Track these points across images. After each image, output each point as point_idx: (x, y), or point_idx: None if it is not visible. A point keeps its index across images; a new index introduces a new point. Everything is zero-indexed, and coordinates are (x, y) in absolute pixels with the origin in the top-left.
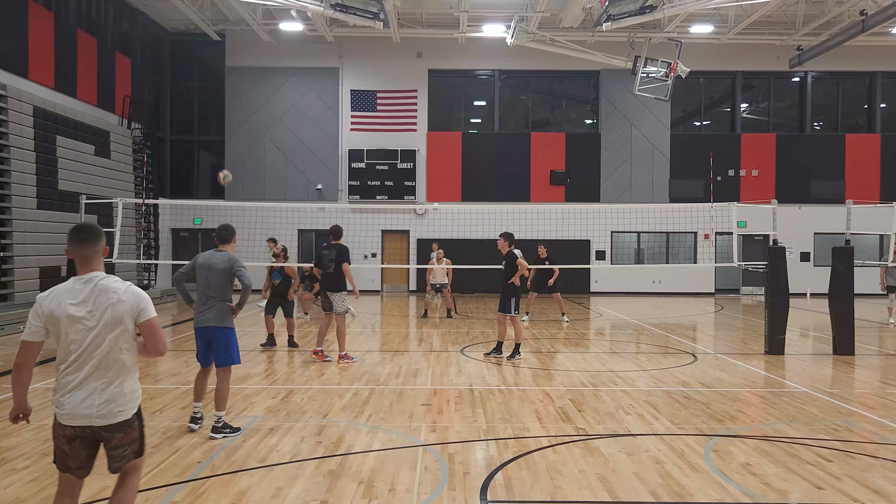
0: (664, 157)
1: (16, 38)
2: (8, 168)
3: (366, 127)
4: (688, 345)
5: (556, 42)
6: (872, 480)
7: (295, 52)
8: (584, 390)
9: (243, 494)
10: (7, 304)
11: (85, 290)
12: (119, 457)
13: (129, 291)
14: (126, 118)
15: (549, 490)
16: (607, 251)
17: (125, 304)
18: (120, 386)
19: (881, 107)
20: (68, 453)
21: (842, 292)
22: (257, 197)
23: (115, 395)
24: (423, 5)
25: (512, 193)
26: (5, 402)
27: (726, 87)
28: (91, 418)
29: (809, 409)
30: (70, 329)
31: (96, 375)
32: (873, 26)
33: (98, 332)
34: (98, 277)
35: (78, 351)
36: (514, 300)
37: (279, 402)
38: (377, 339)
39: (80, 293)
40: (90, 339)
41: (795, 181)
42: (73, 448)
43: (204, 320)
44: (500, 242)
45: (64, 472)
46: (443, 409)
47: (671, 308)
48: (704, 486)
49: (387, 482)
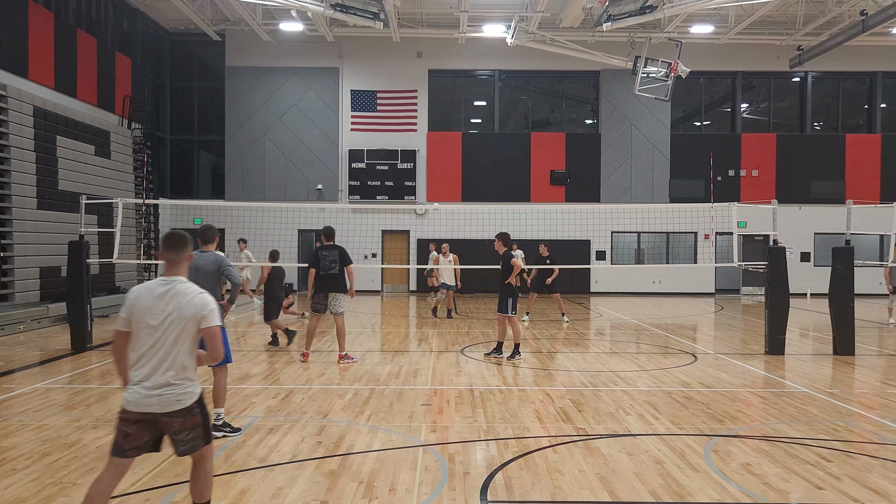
0: (664, 157)
1: (16, 38)
2: (8, 168)
3: (366, 127)
4: (688, 345)
5: (556, 42)
6: (872, 480)
7: (295, 52)
8: (584, 390)
9: (243, 494)
10: (7, 304)
11: (163, 291)
12: (183, 441)
13: (198, 298)
14: (126, 118)
15: (549, 490)
16: (607, 251)
17: (192, 308)
18: (179, 380)
19: (881, 107)
20: (131, 435)
21: (842, 292)
22: (257, 197)
23: (175, 387)
24: (423, 5)
25: (512, 193)
26: (5, 402)
27: (726, 87)
28: (152, 406)
29: (809, 409)
30: (142, 323)
31: (161, 369)
32: (873, 26)
33: (164, 330)
34: (177, 281)
35: (147, 345)
36: (512, 300)
37: (279, 402)
38: (377, 339)
39: (158, 292)
40: (157, 336)
41: (795, 181)
42: (136, 430)
43: None
44: (497, 243)
45: (116, 457)
46: (443, 409)
47: (671, 308)
48: (704, 486)
49: (387, 482)
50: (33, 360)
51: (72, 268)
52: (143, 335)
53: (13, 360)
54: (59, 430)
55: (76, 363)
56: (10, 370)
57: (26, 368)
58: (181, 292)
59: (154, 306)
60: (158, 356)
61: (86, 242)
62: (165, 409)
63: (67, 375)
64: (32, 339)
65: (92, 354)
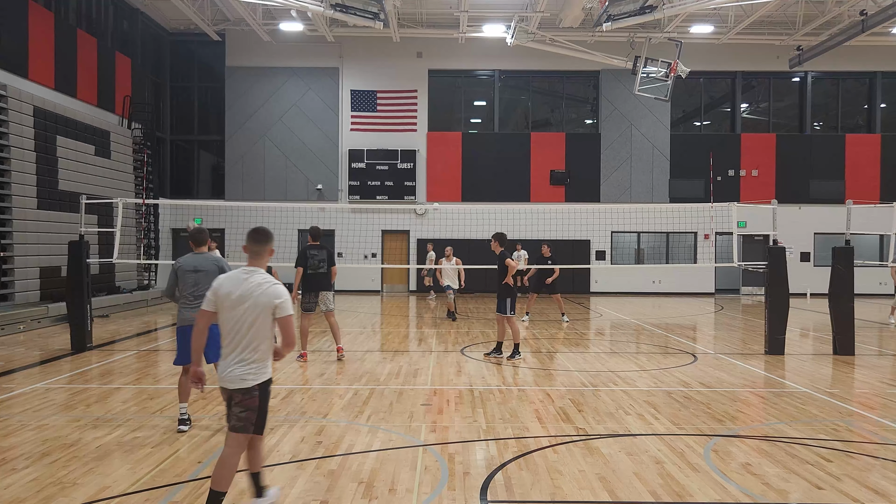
0: (664, 157)
1: (16, 38)
2: (8, 168)
3: (366, 127)
4: (688, 345)
5: (556, 42)
6: (872, 480)
7: (295, 52)
8: (584, 390)
9: (243, 494)
10: (7, 304)
11: (243, 279)
12: (237, 416)
13: (272, 289)
14: (126, 118)
15: (549, 490)
16: (607, 251)
17: (266, 297)
18: (250, 360)
19: (881, 107)
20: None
21: (842, 292)
22: (257, 197)
23: (243, 366)
24: (423, 5)
25: (512, 193)
26: (5, 401)
27: (726, 87)
28: (226, 382)
29: (809, 409)
30: (225, 307)
31: (238, 350)
32: (873, 26)
33: (241, 316)
34: (256, 272)
35: (228, 328)
36: (510, 300)
37: (279, 402)
38: (377, 339)
39: (239, 281)
40: (236, 320)
41: (795, 181)
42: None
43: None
44: (493, 243)
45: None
46: (443, 409)
47: (671, 308)
48: (704, 486)
49: (387, 482)
50: (33, 360)
51: (72, 268)
52: (226, 318)
53: (13, 360)
54: (59, 429)
55: (76, 363)
56: (10, 370)
57: (26, 368)
58: (258, 282)
59: (234, 293)
60: (236, 338)
61: (86, 242)
62: (231, 385)
63: (67, 375)
64: (32, 339)
65: (92, 354)
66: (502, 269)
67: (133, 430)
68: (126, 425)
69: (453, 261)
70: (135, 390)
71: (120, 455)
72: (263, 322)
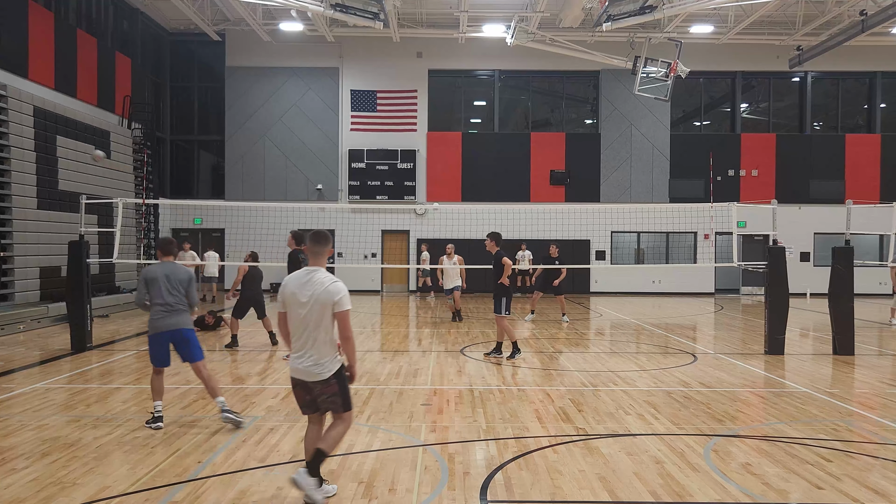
0: (664, 157)
1: (16, 38)
2: (8, 168)
3: (366, 127)
4: (688, 345)
5: (556, 42)
6: (872, 480)
7: (295, 52)
8: (584, 390)
9: (243, 494)
10: (7, 304)
11: (306, 279)
12: (324, 402)
13: (332, 286)
14: (126, 118)
15: (549, 490)
16: (607, 251)
17: (327, 294)
18: (321, 353)
19: (881, 107)
20: (297, 395)
21: (842, 292)
22: (257, 197)
23: (318, 361)
24: (423, 5)
25: (512, 193)
26: (5, 401)
27: (726, 87)
28: (302, 373)
29: (809, 409)
30: (292, 305)
31: (308, 344)
32: (873, 26)
33: (308, 312)
34: (317, 271)
35: (296, 324)
36: (506, 300)
37: (279, 402)
38: (377, 339)
39: (303, 281)
40: (303, 316)
41: (795, 181)
42: (298, 392)
43: (172, 324)
44: (488, 243)
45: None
46: (443, 409)
47: (671, 308)
48: (704, 486)
49: (387, 482)
50: (33, 360)
51: (72, 268)
52: (294, 316)
53: (13, 360)
54: (59, 430)
55: (76, 363)
56: (10, 370)
57: (26, 368)
58: (319, 281)
59: (300, 292)
60: (305, 334)
61: (86, 242)
62: (310, 379)
63: (67, 375)
64: (32, 339)
65: (92, 354)
66: (498, 268)
67: (133, 430)
68: (126, 425)
69: (454, 259)
70: (135, 390)
71: (120, 455)
72: (327, 317)
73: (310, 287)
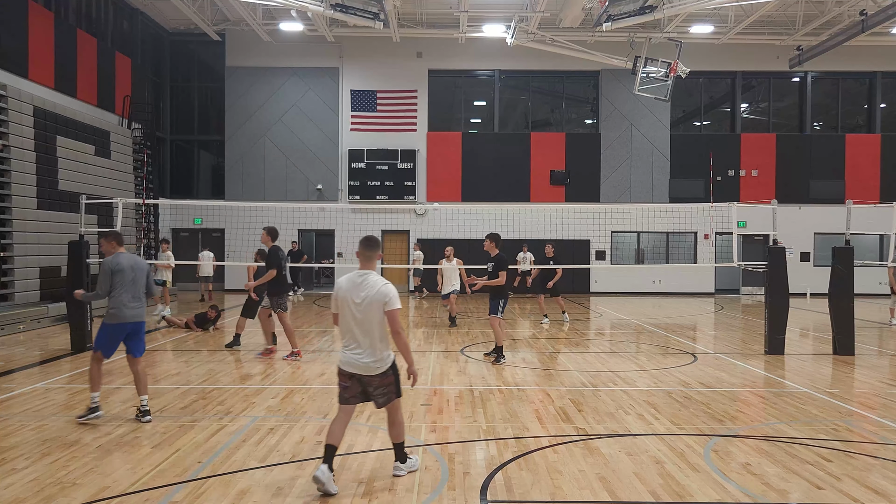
0: (664, 157)
1: (16, 38)
2: (8, 168)
3: (366, 127)
4: (688, 345)
5: (556, 42)
6: (872, 480)
7: (295, 52)
8: (584, 390)
9: (243, 494)
10: (7, 304)
11: (360, 281)
12: (380, 395)
13: (384, 287)
14: (126, 118)
15: (549, 490)
16: (607, 251)
17: (380, 295)
18: (377, 349)
19: (881, 107)
20: (347, 388)
21: (842, 292)
22: (257, 197)
23: (374, 355)
24: (423, 5)
25: (512, 193)
26: (5, 401)
27: (726, 87)
28: (360, 369)
29: (809, 409)
30: (346, 306)
31: (362, 341)
32: (873, 26)
33: (363, 311)
34: (370, 274)
35: (352, 323)
36: (503, 301)
37: (279, 402)
38: None
39: (356, 283)
40: (359, 316)
41: (795, 181)
42: (350, 384)
43: (137, 315)
44: (487, 244)
45: (342, 404)
46: (443, 409)
47: (671, 308)
48: (704, 486)
49: (387, 482)
50: (33, 360)
51: (72, 268)
52: (348, 315)
53: (13, 360)
54: (59, 430)
55: (76, 363)
56: (10, 370)
57: (26, 368)
58: (372, 282)
59: (354, 293)
60: (360, 331)
61: (86, 242)
62: (367, 373)
63: (67, 375)
64: (32, 339)
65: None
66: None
67: (133, 430)
68: (126, 425)
69: (454, 262)
70: (134, 390)
71: (120, 455)
72: (380, 316)
73: (363, 289)
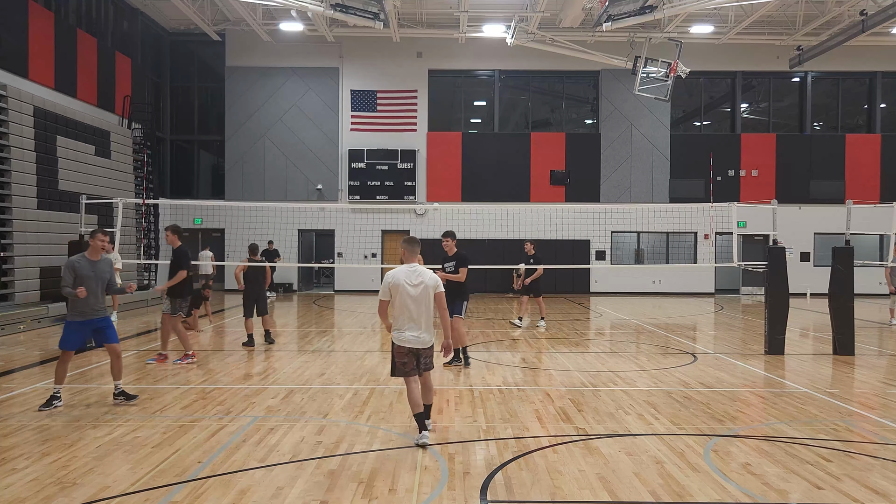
0: (664, 157)
1: (16, 38)
2: (8, 168)
3: (366, 127)
4: (688, 345)
5: (556, 42)
6: (872, 480)
7: (295, 52)
8: (584, 390)
9: (243, 494)
10: (7, 304)
11: (413, 271)
12: (426, 364)
13: (432, 276)
14: (126, 118)
15: (549, 490)
16: (607, 251)
17: (431, 280)
18: (428, 327)
19: (881, 107)
20: (406, 363)
21: (842, 292)
22: (257, 197)
23: (428, 332)
24: (423, 5)
25: (512, 193)
26: (5, 401)
27: (726, 87)
28: (418, 343)
29: (809, 409)
30: (404, 291)
31: (421, 321)
32: (873, 26)
33: (417, 296)
34: (417, 266)
35: (410, 307)
36: (466, 303)
37: (279, 402)
38: (377, 339)
39: (411, 274)
40: (413, 300)
41: (795, 181)
42: (408, 359)
43: (104, 311)
44: (447, 242)
45: (407, 377)
46: (443, 409)
47: (671, 308)
48: (704, 486)
49: (387, 482)
50: (33, 360)
51: None
52: (408, 301)
53: (13, 360)
54: (59, 430)
55: (76, 363)
56: (10, 370)
57: (26, 368)
58: (422, 272)
59: (410, 281)
60: (417, 313)
61: (86, 242)
62: (422, 346)
63: (67, 375)
64: (32, 339)
65: (92, 354)
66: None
67: (133, 430)
68: (126, 425)
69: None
70: (135, 390)
71: (120, 455)
72: (431, 299)
73: (417, 277)
